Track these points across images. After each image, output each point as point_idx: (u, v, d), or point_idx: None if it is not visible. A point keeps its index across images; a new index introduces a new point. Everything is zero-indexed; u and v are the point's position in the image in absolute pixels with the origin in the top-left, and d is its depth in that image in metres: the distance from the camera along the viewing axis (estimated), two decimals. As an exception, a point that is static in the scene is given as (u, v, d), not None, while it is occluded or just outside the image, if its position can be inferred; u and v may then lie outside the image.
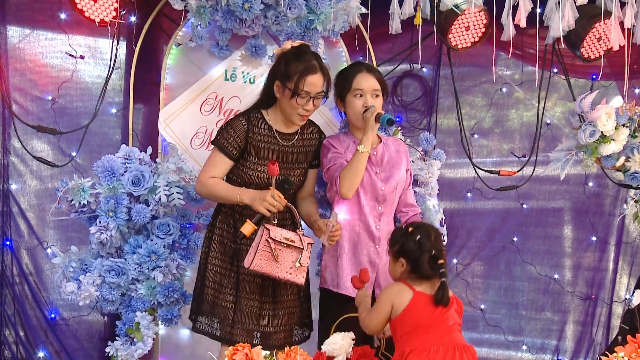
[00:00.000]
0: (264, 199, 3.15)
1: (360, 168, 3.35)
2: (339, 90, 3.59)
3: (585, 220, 5.07)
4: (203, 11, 3.78)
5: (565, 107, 4.98)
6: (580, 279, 5.08)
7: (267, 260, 3.15)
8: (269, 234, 3.15)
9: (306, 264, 3.22)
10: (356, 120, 3.54)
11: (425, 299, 2.97)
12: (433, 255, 2.96)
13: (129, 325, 3.66)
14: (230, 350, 2.81)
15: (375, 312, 3.05)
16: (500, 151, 5.01)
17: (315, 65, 3.29)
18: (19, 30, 4.27)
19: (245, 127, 3.33)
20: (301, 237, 3.21)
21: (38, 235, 4.31)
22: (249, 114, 3.38)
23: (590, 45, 4.40)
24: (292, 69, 3.25)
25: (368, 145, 3.36)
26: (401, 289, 3.00)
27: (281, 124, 3.40)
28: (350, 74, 3.56)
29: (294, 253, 3.19)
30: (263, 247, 3.15)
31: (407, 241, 3.01)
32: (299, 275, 3.20)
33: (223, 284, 3.35)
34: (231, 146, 3.31)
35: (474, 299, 4.98)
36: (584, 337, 5.04)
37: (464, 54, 4.52)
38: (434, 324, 2.97)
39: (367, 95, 3.51)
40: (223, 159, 3.33)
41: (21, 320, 4.28)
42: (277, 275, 3.17)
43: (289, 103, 3.29)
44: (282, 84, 3.28)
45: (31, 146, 4.24)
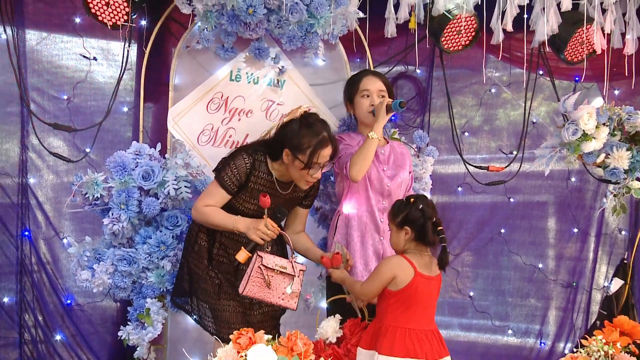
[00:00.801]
0: (257, 228, 3.13)
1: (370, 153, 3.38)
2: (348, 94, 3.67)
3: (568, 213, 5.07)
4: (209, 15, 3.77)
5: (549, 107, 4.97)
6: (563, 268, 5.08)
7: (259, 287, 3.13)
8: (262, 261, 3.13)
9: (297, 290, 3.17)
10: (364, 119, 3.59)
11: (423, 280, 3.01)
12: (435, 222, 3.03)
13: (139, 310, 3.67)
14: (234, 334, 2.80)
15: (377, 280, 3.07)
16: (489, 148, 5.01)
17: (326, 137, 3.20)
18: (37, 34, 4.26)
19: (248, 169, 3.27)
20: (293, 265, 3.17)
21: (54, 227, 4.30)
22: (254, 157, 3.29)
23: (574, 49, 4.39)
24: (304, 142, 3.17)
25: (379, 132, 3.42)
26: (405, 264, 3.04)
27: (282, 175, 3.33)
28: (357, 78, 3.66)
29: (286, 280, 3.16)
30: (256, 273, 3.13)
31: (411, 210, 3.06)
32: (291, 301, 3.16)
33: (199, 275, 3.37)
34: (231, 182, 3.26)
35: (463, 286, 4.99)
36: (565, 322, 5.05)
37: (456, 56, 4.52)
38: (422, 306, 3.03)
39: (374, 95, 3.57)
40: (221, 192, 3.28)
41: (39, 306, 4.28)
42: (269, 300, 3.15)
43: (299, 172, 3.22)
44: (292, 154, 3.19)
45: (48, 143, 4.23)
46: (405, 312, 3.02)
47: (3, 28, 4.09)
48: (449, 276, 4.94)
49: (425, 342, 2.99)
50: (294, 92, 4.07)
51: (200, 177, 3.73)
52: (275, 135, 3.32)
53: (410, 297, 3.01)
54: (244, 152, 3.30)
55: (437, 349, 3.01)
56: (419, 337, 2.99)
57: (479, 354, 4.98)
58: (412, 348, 2.96)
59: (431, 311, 3.09)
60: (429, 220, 3.02)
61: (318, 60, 4.05)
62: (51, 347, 4.27)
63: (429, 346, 2.99)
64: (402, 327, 3.00)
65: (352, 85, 3.66)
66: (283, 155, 3.23)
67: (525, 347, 5.04)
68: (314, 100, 4.08)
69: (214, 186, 3.31)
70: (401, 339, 2.97)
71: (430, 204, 3.08)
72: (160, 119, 4.24)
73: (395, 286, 3.02)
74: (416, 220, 3.04)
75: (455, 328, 4.99)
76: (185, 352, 3.55)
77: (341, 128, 3.98)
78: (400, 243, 3.11)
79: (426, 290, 3.03)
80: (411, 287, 3.00)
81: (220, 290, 3.35)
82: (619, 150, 3.94)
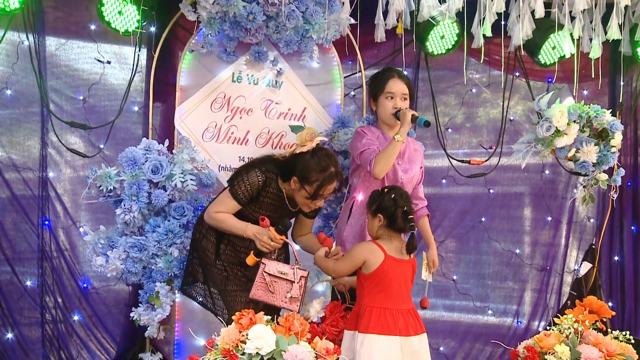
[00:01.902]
0: (262, 240, 3.12)
1: (394, 154, 3.36)
2: (373, 91, 3.60)
3: (542, 203, 5.07)
4: (213, 22, 3.76)
5: (525, 105, 4.96)
6: (537, 253, 5.08)
7: (263, 291, 3.13)
8: (264, 268, 3.13)
9: (297, 295, 3.12)
10: (386, 118, 3.55)
11: (393, 262, 3.01)
12: (405, 210, 3.03)
13: (150, 293, 3.66)
14: (236, 315, 2.80)
15: (349, 262, 3.10)
16: (470, 144, 4.99)
17: (333, 173, 3.17)
18: (56, 40, 4.23)
19: (260, 185, 3.24)
20: (295, 271, 3.14)
21: (72, 216, 4.29)
22: (266, 175, 3.25)
23: (546, 53, 4.40)
24: (312, 176, 3.15)
25: (404, 136, 3.38)
26: (375, 249, 3.06)
27: (289, 193, 3.29)
28: (384, 78, 3.56)
29: (288, 285, 3.14)
30: (260, 279, 3.13)
31: (384, 199, 3.09)
32: (294, 305, 3.13)
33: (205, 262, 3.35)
34: (244, 196, 3.24)
35: (447, 271, 4.98)
36: (539, 303, 5.05)
37: (440, 59, 4.50)
38: (396, 287, 3.04)
39: (397, 97, 3.52)
40: (233, 203, 3.26)
41: (59, 289, 4.27)
42: (273, 303, 3.14)
43: (304, 199, 3.21)
44: (300, 184, 3.18)
45: (66, 139, 4.21)
46: (380, 293, 3.03)
47: (26, 35, 4.07)
48: (434, 261, 4.93)
49: (400, 320, 3.00)
50: (291, 92, 4.05)
51: (205, 171, 3.72)
52: (288, 162, 3.27)
53: (382, 279, 3.03)
54: (257, 169, 3.26)
55: (412, 326, 3.03)
56: (394, 315, 3.00)
57: (462, 333, 4.97)
58: (387, 325, 2.97)
59: (406, 291, 3.09)
60: (400, 208, 3.04)
61: (313, 62, 4.05)
62: (70, 327, 4.27)
63: (403, 323, 3.00)
64: (378, 306, 3.01)
65: (378, 85, 3.57)
66: (291, 181, 3.20)
67: (504, 326, 5.04)
68: (309, 99, 4.07)
69: (226, 197, 3.28)
70: (377, 318, 2.99)
71: (403, 195, 3.10)
72: (168, 117, 4.22)
73: (367, 269, 3.04)
74: (388, 209, 3.06)
75: (440, 309, 4.99)
76: (192, 331, 3.54)
77: (335, 125, 3.96)
78: (374, 229, 3.13)
79: (398, 272, 3.04)
80: (382, 269, 3.02)
81: (228, 282, 3.34)
82: (588, 145, 3.94)
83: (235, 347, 2.69)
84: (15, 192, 4.20)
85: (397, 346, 2.96)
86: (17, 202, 4.19)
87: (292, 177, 3.19)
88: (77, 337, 4.29)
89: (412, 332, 3.01)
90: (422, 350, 3.04)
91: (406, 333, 2.98)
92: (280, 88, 4.04)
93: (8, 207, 4.19)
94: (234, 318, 2.81)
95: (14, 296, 4.19)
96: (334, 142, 3.87)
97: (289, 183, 3.23)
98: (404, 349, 2.97)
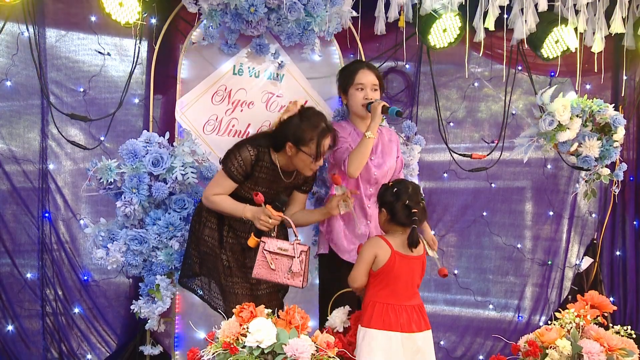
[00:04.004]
0: (260, 218, 3.12)
1: (367, 152, 3.34)
2: (343, 84, 3.59)
3: (544, 197, 5.06)
4: (214, 14, 3.74)
5: (527, 100, 4.94)
6: (539, 248, 5.07)
7: (265, 269, 3.12)
8: (264, 246, 3.13)
9: (298, 270, 3.12)
10: (357, 110, 3.53)
11: (400, 258, 2.99)
12: (407, 205, 2.99)
13: (150, 286, 3.66)
14: (237, 308, 2.80)
15: (362, 263, 3.06)
16: (472, 138, 4.98)
17: (325, 128, 3.19)
18: (56, 32, 4.22)
19: (252, 160, 3.24)
20: (295, 247, 3.13)
21: (72, 209, 4.28)
22: (258, 149, 3.26)
23: (549, 47, 4.38)
24: (307, 136, 3.16)
25: (374, 131, 3.35)
26: (382, 243, 3.04)
27: (284, 165, 3.30)
28: (353, 70, 3.55)
29: (289, 261, 3.13)
30: (260, 257, 3.13)
31: (387, 193, 3.06)
32: (297, 280, 3.12)
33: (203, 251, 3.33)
34: (237, 172, 3.25)
35: (448, 265, 4.97)
36: (540, 297, 5.05)
37: (441, 53, 4.47)
38: (402, 283, 3.01)
39: (367, 88, 3.50)
40: (228, 181, 3.26)
41: (59, 281, 4.27)
42: (277, 280, 3.14)
43: (303, 161, 3.20)
44: (296, 147, 3.18)
45: (66, 132, 4.20)
46: (385, 288, 3.01)
47: (26, 27, 4.06)
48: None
49: (403, 316, 2.97)
50: (292, 85, 4.04)
51: (206, 164, 3.71)
52: (277, 131, 3.29)
53: (388, 274, 3.00)
54: (249, 144, 3.28)
55: (416, 322, 2.99)
56: (396, 311, 2.97)
57: (462, 327, 4.98)
58: (388, 321, 2.95)
59: (412, 288, 3.06)
60: (400, 202, 3.00)
61: (314, 55, 4.03)
62: (70, 319, 4.27)
63: (406, 319, 2.97)
64: (381, 302, 2.99)
65: (347, 76, 3.58)
66: (286, 148, 3.20)
67: (505, 321, 5.04)
68: (311, 92, 4.06)
69: (221, 177, 3.29)
70: (379, 313, 2.97)
71: (408, 188, 3.04)
72: (168, 109, 4.21)
73: (376, 266, 3.02)
74: (389, 203, 3.03)
75: (441, 303, 4.99)
76: (192, 324, 3.54)
77: (336, 118, 3.95)
78: (380, 223, 3.12)
79: (405, 268, 3.01)
80: (389, 265, 3.00)
81: (230, 270, 3.34)
82: (591, 139, 3.93)
83: (235, 340, 2.69)
84: (16, 184, 4.20)
85: (398, 342, 2.94)
86: (17, 194, 4.19)
87: (285, 144, 3.20)
88: (78, 330, 4.29)
89: (415, 328, 2.98)
90: (425, 348, 3.00)
91: (409, 330, 2.96)
92: (282, 81, 4.03)
93: (8, 200, 4.19)
94: (234, 311, 2.80)
95: (14, 288, 4.20)
96: (335, 135, 3.86)
97: (283, 152, 3.24)
98: (406, 346, 2.94)
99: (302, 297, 3.78)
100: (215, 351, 2.69)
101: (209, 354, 2.70)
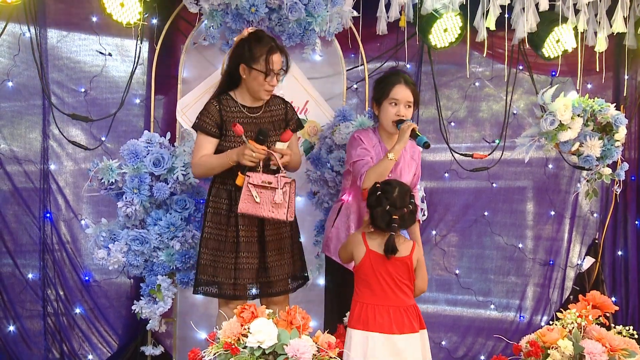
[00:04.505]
0: (244, 154, 3.09)
1: (386, 172, 3.25)
2: (377, 95, 3.44)
3: (545, 197, 5.06)
4: (215, 14, 3.75)
5: (528, 99, 4.94)
6: (540, 248, 5.07)
7: (251, 203, 3.09)
8: (249, 180, 3.10)
9: (280, 200, 3.10)
10: (387, 126, 3.41)
11: (375, 257, 2.97)
12: (387, 210, 2.93)
13: (151, 287, 3.66)
14: (238, 308, 2.79)
15: (343, 249, 3.15)
16: (473, 137, 4.98)
17: (274, 46, 3.23)
18: (57, 32, 4.23)
19: (217, 107, 3.25)
20: (279, 179, 3.11)
21: (73, 209, 4.29)
22: (219, 97, 3.29)
23: (550, 46, 4.38)
24: (256, 52, 3.18)
25: (398, 155, 3.26)
26: (359, 241, 3.02)
27: (248, 101, 3.31)
28: (389, 83, 3.40)
29: (273, 193, 3.11)
30: (245, 191, 3.09)
31: (371, 196, 3.02)
32: (280, 211, 3.11)
33: (221, 249, 3.27)
34: (210, 126, 3.23)
35: (449, 265, 4.97)
36: (542, 297, 5.04)
37: (442, 52, 4.47)
38: (379, 283, 2.97)
39: (401, 105, 3.36)
40: (207, 138, 3.24)
41: (60, 282, 4.27)
42: (261, 214, 3.11)
43: (257, 81, 3.21)
44: (248, 67, 3.20)
45: (67, 132, 4.21)
46: (365, 288, 2.99)
47: (27, 27, 4.07)
48: (436, 255, 4.93)
49: (384, 317, 2.92)
50: (293, 85, 4.03)
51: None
52: (229, 60, 3.31)
53: (365, 273, 2.98)
54: (210, 99, 3.32)
55: (398, 324, 2.92)
56: (376, 311, 2.93)
57: (464, 327, 4.97)
58: (366, 320, 2.92)
59: (394, 288, 2.96)
60: (382, 208, 2.94)
61: (315, 55, 4.03)
62: (71, 320, 4.28)
63: (387, 320, 2.91)
64: (362, 301, 2.97)
65: (383, 89, 3.41)
66: (240, 71, 3.23)
67: (506, 321, 5.03)
68: (312, 92, 4.06)
69: (199, 138, 3.27)
70: (358, 312, 2.95)
71: (392, 192, 2.95)
72: (169, 110, 4.22)
73: (355, 262, 3.03)
74: (372, 207, 2.99)
75: (442, 303, 4.98)
76: (193, 324, 3.54)
77: (337, 118, 3.94)
78: (364, 222, 3.11)
79: (382, 268, 2.95)
80: (364, 263, 2.97)
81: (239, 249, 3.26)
82: (592, 139, 3.92)
83: (236, 341, 2.69)
84: (17, 184, 4.20)
85: (377, 343, 2.89)
86: (18, 194, 4.20)
87: (239, 69, 3.21)
88: (79, 330, 4.30)
89: (396, 330, 2.90)
90: (407, 351, 2.91)
91: (389, 331, 2.90)
92: (283, 81, 4.01)
93: (10, 200, 4.19)
94: (235, 311, 2.80)
95: (15, 289, 4.20)
96: (335, 135, 3.85)
97: (241, 86, 3.27)
98: (386, 347, 2.89)
99: (303, 297, 3.78)
100: (217, 352, 2.69)
101: (210, 355, 2.70)
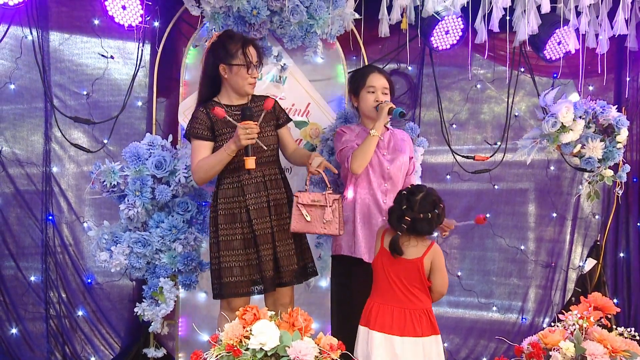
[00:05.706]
0: (239, 135, 3.09)
1: (370, 149, 3.35)
2: (354, 87, 3.59)
3: (547, 199, 5.05)
4: (217, 17, 3.75)
5: (530, 101, 4.94)
6: (542, 250, 5.06)
7: (302, 222, 3.21)
8: (298, 200, 3.21)
9: (330, 218, 3.22)
10: (368, 112, 3.53)
11: (386, 255, 3.01)
12: (403, 210, 2.97)
13: (153, 289, 3.66)
14: (240, 310, 2.79)
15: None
16: (474, 140, 4.97)
17: (247, 39, 3.29)
18: (59, 35, 4.24)
19: (205, 112, 3.27)
20: (327, 196, 3.22)
21: (76, 212, 4.30)
22: (205, 104, 3.31)
23: (552, 48, 4.37)
24: (232, 48, 3.23)
25: (379, 130, 3.37)
26: (378, 236, 3.10)
27: (234, 100, 3.34)
28: (364, 73, 3.57)
29: (323, 211, 3.22)
30: (295, 211, 3.21)
31: (398, 194, 3.06)
32: (332, 227, 3.23)
33: (243, 247, 3.27)
34: (202, 131, 3.25)
35: (451, 267, 4.96)
36: (544, 299, 5.04)
37: (444, 55, 4.48)
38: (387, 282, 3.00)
39: (379, 92, 3.51)
40: (202, 143, 3.26)
41: (63, 284, 4.28)
42: (314, 231, 3.24)
43: (239, 76, 3.24)
44: (227, 65, 3.23)
45: (69, 135, 4.22)
46: (375, 285, 3.05)
47: (29, 30, 4.08)
48: (439, 257, 4.93)
49: (385, 317, 2.93)
50: (295, 88, 4.05)
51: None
52: (205, 67, 3.33)
53: (376, 269, 3.04)
54: (197, 108, 3.34)
55: (399, 326, 2.92)
56: (379, 310, 2.96)
57: (466, 329, 4.97)
58: (369, 318, 2.97)
59: (402, 289, 2.97)
60: (396, 212, 2.99)
61: (317, 58, 4.03)
62: (74, 322, 4.28)
63: (388, 320, 2.92)
64: (371, 298, 3.04)
65: (359, 79, 3.58)
66: (220, 72, 3.25)
67: (508, 322, 5.03)
68: (313, 94, 4.07)
69: (193, 145, 3.28)
70: (365, 309, 3.01)
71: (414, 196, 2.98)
72: (171, 112, 4.23)
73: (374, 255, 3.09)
74: (394, 202, 3.06)
75: (444, 305, 4.97)
76: (195, 327, 3.54)
77: (339, 120, 3.95)
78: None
79: (391, 268, 2.98)
80: (377, 259, 3.04)
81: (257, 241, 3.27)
82: (594, 141, 3.92)
83: (239, 343, 2.69)
84: (19, 187, 4.21)
85: (377, 342, 2.90)
86: (21, 197, 4.21)
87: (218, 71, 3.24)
88: (82, 333, 4.30)
89: (396, 332, 2.90)
90: (405, 355, 2.90)
91: (388, 331, 2.91)
92: (284, 83, 4.03)
93: (12, 202, 4.21)
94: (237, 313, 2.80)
95: (18, 291, 4.21)
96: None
97: (224, 88, 3.30)
98: (385, 347, 2.90)
99: (304, 300, 3.79)
100: (219, 354, 2.69)
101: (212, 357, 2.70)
